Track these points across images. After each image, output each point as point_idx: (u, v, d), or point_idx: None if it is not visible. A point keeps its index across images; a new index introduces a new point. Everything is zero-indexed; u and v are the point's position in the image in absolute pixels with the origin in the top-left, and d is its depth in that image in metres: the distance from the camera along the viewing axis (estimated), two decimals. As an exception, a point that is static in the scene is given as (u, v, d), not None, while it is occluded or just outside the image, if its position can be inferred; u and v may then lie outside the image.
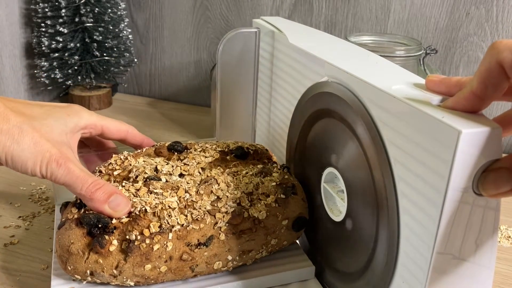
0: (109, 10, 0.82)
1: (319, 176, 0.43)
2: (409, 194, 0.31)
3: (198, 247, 0.39)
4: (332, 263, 0.43)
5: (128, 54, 0.88)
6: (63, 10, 0.78)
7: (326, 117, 0.41)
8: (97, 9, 0.80)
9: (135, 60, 0.91)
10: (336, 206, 0.42)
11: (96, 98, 0.88)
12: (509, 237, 0.56)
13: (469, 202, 0.27)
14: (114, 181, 0.43)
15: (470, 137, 0.25)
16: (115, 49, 0.85)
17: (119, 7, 0.85)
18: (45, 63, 0.82)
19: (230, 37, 0.55)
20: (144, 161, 0.45)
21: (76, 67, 0.83)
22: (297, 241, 0.47)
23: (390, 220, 0.33)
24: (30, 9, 0.83)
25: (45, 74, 0.83)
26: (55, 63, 0.82)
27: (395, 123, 0.31)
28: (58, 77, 0.83)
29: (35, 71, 0.85)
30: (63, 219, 0.41)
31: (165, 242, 0.38)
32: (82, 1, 0.79)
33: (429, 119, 0.28)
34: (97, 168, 0.45)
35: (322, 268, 0.45)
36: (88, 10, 0.80)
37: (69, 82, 0.84)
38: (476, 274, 0.30)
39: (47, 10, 0.79)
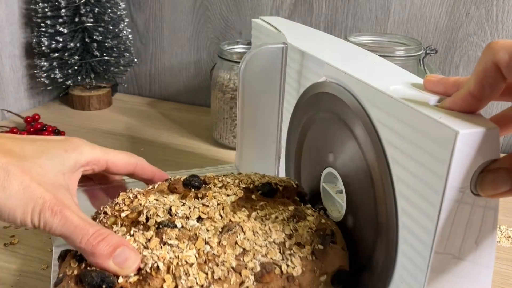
0: (109, 10, 0.82)
1: (318, 176, 0.43)
2: (407, 194, 0.31)
3: None
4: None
5: (128, 54, 0.88)
6: (63, 10, 0.79)
7: (324, 117, 0.41)
8: (97, 9, 0.80)
9: (135, 60, 0.91)
10: (335, 206, 0.42)
11: (96, 98, 0.89)
12: (509, 237, 0.56)
13: (467, 202, 0.27)
14: (122, 225, 0.38)
15: (467, 138, 0.25)
16: (115, 49, 0.85)
17: (119, 7, 0.85)
18: (45, 63, 0.82)
19: (254, 53, 0.49)
20: (156, 199, 0.40)
21: (76, 67, 0.83)
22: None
23: (388, 220, 0.33)
24: (30, 9, 0.83)
25: (45, 74, 0.83)
26: (55, 63, 0.82)
27: (393, 123, 0.31)
28: (58, 77, 0.83)
29: (35, 71, 0.85)
30: (61, 275, 0.35)
31: None
32: (82, 1, 0.79)
33: (426, 119, 0.28)
34: (102, 208, 0.40)
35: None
36: (88, 10, 0.80)
37: (69, 82, 0.84)
38: (475, 274, 0.30)
39: (47, 10, 0.79)
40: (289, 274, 0.35)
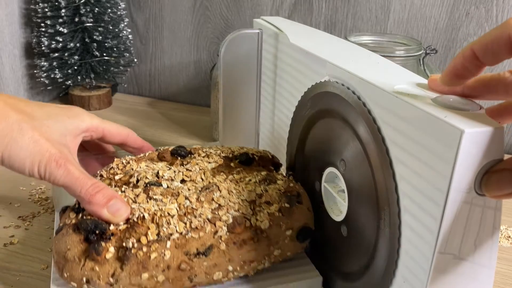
0: (109, 10, 0.82)
1: (320, 176, 0.43)
2: (410, 193, 0.31)
3: (197, 256, 0.38)
4: (333, 263, 0.43)
5: (128, 54, 0.88)
6: (63, 10, 0.78)
7: (327, 116, 0.41)
8: (97, 9, 0.80)
9: (135, 60, 0.91)
10: (337, 205, 0.42)
11: (96, 98, 0.88)
12: (509, 237, 0.56)
13: (471, 202, 0.27)
14: (115, 186, 0.42)
15: (473, 137, 0.25)
16: (115, 49, 0.85)
17: (119, 7, 0.85)
18: (45, 63, 0.82)
19: (232, 38, 0.54)
20: (146, 165, 0.44)
21: (76, 67, 0.83)
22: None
23: (391, 219, 0.33)
24: (30, 9, 0.83)
25: (45, 74, 0.83)
26: (55, 63, 0.82)
27: (397, 122, 0.31)
28: (58, 77, 0.83)
29: (35, 71, 0.84)
30: (61, 224, 0.40)
31: (162, 251, 0.37)
32: (82, 1, 0.79)
33: (432, 118, 0.28)
34: (98, 172, 0.44)
35: (322, 268, 0.45)
36: (88, 10, 0.80)
37: (69, 82, 0.84)
38: (477, 274, 0.30)
39: (47, 10, 0.79)
40: (257, 227, 0.40)
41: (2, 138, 0.37)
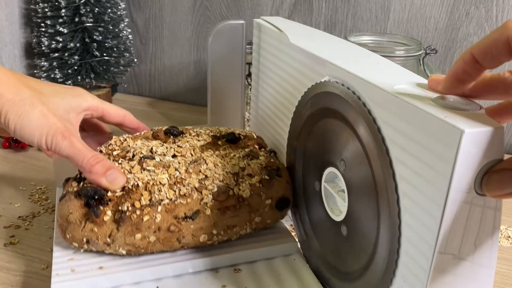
0: (109, 10, 0.82)
1: (320, 176, 0.43)
2: (410, 193, 0.31)
3: (185, 220, 0.42)
4: (332, 263, 0.43)
5: (128, 54, 0.88)
6: (63, 10, 0.78)
7: (327, 117, 0.41)
8: (97, 9, 0.80)
9: (135, 60, 0.91)
10: (337, 205, 0.42)
11: (96, 98, 0.88)
12: (509, 237, 0.56)
13: (471, 202, 0.27)
14: (113, 160, 0.46)
15: (473, 137, 0.25)
16: (115, 49, 0.85)
17: (119, 7, 0.85)
18: (45, 63, 0.82)
19: (219, 28, 0.59)
20: (141, 143, 0.48)
21: (76, 67, 0.83)
22: (290, 227, 0.49)
23: (391, 219, 0.33)
24: (30, 9, 0.83)
25: (45, 74, 0.83)
26: (55, 63, 0.82)
27: (397, 122, 0.31)
28: (58, 77, 0.83)
29: (35, 71, 0.84)
30: (64, 192, 0.44)
31: (154, 214, 0.41)
32: (82, 1, 0.79)
33: (432, 118, 0.28)
34: (98, 148, 0.48)
35: (322, 268, 0.45)
36: (88, 10, 0.80)
37: (69, 82, 0.84)
38: (477, 274, 0.30)
39: (47, 10, 0.79)
40: (239, 195, 0.44)
41: (15, 111, 0.41)
